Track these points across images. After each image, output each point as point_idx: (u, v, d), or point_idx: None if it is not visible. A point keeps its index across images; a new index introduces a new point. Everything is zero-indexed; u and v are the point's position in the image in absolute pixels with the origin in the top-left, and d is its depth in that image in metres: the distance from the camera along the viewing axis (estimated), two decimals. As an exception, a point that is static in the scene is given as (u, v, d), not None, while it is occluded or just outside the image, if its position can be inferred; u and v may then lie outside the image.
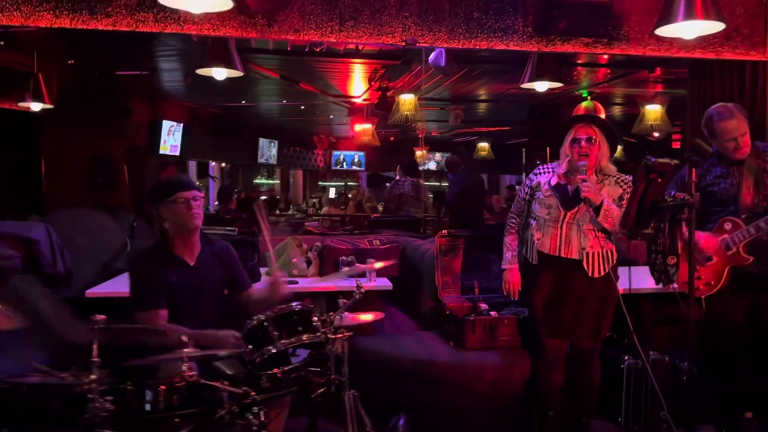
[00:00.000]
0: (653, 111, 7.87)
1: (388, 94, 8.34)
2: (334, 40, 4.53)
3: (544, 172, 3.13)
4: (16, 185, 7.87)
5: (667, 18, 3.76)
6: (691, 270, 2.14)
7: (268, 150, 14.01)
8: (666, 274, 2.28)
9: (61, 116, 7.35)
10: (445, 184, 14.14)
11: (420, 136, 12.78)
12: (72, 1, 4.07)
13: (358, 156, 16.15)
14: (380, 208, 12.58)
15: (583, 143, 2.95)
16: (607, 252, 3.02)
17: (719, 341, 3.01)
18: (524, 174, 8.30)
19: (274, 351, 2.21)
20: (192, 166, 13.12)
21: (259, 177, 14.91)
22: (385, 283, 3.52)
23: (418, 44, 4.58)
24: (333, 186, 16.59)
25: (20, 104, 7.01)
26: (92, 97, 7.76)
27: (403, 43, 4.56)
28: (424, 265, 3.86)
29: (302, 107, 11.29)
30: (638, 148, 12.49)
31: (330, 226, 10.36)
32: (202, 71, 5.21)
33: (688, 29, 3.79)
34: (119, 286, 3.39)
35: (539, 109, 10.34)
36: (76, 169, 7.92)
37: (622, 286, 3.09)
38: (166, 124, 10.26)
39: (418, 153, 13.01)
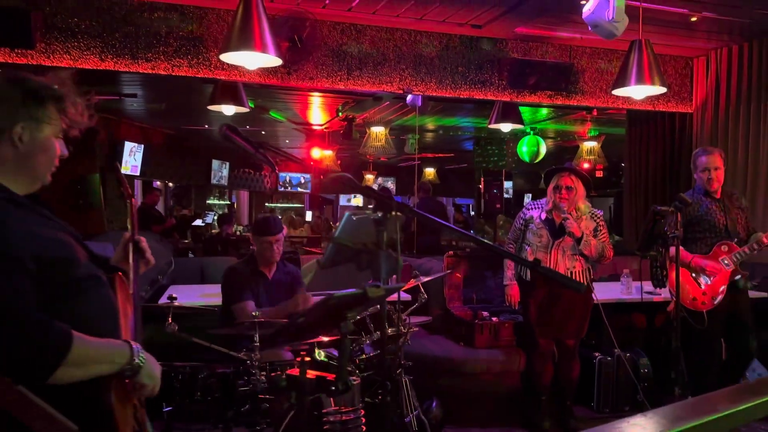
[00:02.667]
0: (590, 146, 8.98)
1: (354, 124, 9.02)
2: (343, 88, 5.22)
3: (535, 208, 3.92)
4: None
5: (621, 82, 4.69)
6: (677, 278, 2.97)
7: (220, 171, 14.36)
8: (661, 282, 3.12)
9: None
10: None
11: (370, 160, 13.50)
12: (116, 47, 4.56)
13: (303, 178, 16.67)
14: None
15: (563, 191, 3.76)
16: (586, 270, 3.85)
17: (716, 341, 3.80)
18: (483, 199, 9.13)
19: (368, 341, 2.87)
20: (137, 184, 13.26)
21: (211, 197, 15.18)
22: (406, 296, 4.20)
23: (413, 92, 5.34)
24: (279, 206, 16.99)
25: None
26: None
27: (401, 91, 5.31)
28: (428, 281, 4.55)
29: (263, 132, 11.79)
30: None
31: (291, 245, 10.84)
32: (213, 107, 5.74)
33: (638, 91, 4.75)
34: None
35: (484, 140, 11.40)
36: (53, 189, 8.10)
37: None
38: (128, 145, 10.52)
39: (367, 177, 13.74)
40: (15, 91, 1.49)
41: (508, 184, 12.95)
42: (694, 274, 3.70)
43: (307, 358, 1.92)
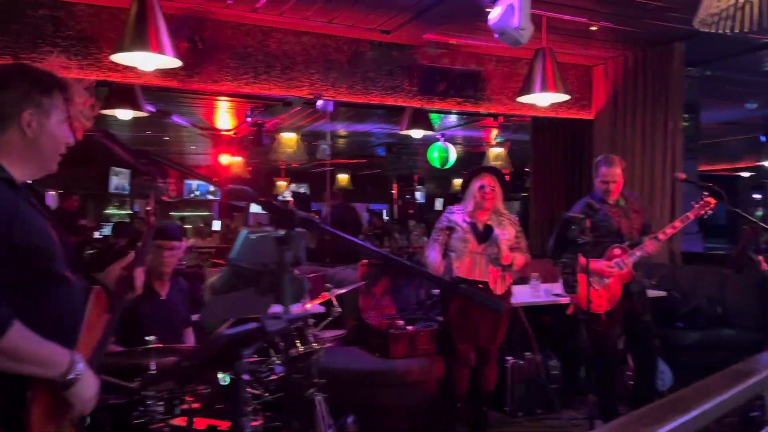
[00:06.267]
0: (496, 152, 9.19)
1: (264, 129, 8.77)
2: (249, 91, 5.02)
3: (457, 212, 3.89)
4: None
5: (527, 90, 4.80)
6: (588, 288, 3.02)
7: (120, 179, 13.65)
8: (573, 288, 3.15)
9: None
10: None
11: (282, 167, 13.23)
12: (-6, 45, 4.16)
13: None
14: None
15: (486, 190, 3.77)
16: (506, 275, 3.86)
17: (612, 344, 3.90)
18: (396, 205, 9.11)
19: (279, 361, 2.69)
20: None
21: (109, 207, 14.35)
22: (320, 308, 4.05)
23: (323, 98, 5.22)
24: (187, 215, 16.28)
25: None
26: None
27: (311, 96, 5.18)
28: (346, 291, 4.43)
29: (166, 138, 11.29)
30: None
31: (198, 257, 10.37)
32: (106, 112, 5.36)
33: (542, 98, 4.86)
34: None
35: (396, 146, 11.48)
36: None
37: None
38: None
39: (280, 183, 13.46)
40: (22, 80, 1.55)
41: (420, 190, 13.15)
42: (590, 279, 3.81)
43: (195, 405, 1.75)
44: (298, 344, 2.76)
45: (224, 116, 9.32)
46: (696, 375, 1.34)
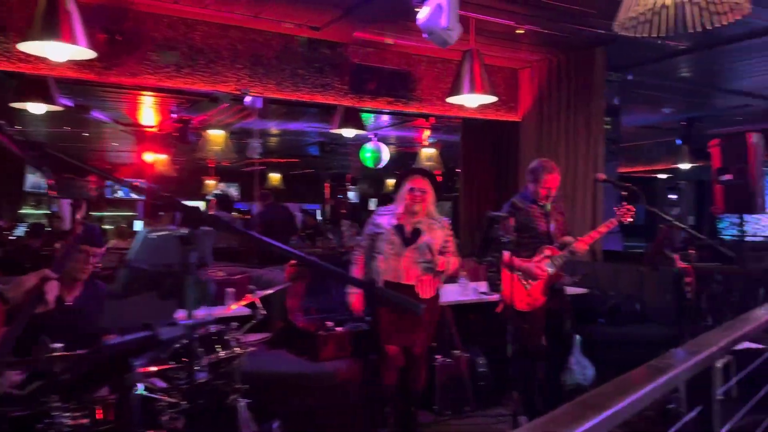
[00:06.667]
0: (429, 153, 9.24)
1: (190, 126, 8.48)
2: (171, 85, 4.83)
3: (385, 214, 3.84)
4: None
5: (455, 90, 4.83)
6: (513, 287, 3.05)
7: (37, 177, 12.93)
8: (498, 287, 3.18)
9: None
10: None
11: (211, 165, 12.88)
12: None
13: (138, 183, 15.47)
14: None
15: (417, 193, 3.73)
16: (435, 278, 3.85)
17: (536, 341, 3.98)
18: (328, 205, 8.99)
19: (199, 368, 2.55)
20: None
21: (25, 207, 13.55)
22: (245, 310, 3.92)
23: (250, 94, 5.08)
24: (107, 215, 15.58)
25: None
26: None
27: (238, 92, 5.03)
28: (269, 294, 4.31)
29: (86, 134, 10.77)
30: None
31: (118, 259, 9.91)
32: (17, 105, 5.03)
33: (470, 99, 4.91)
34: None
35: (329, 146, 11.38)
36: None
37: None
38: None
39: (208, 182, 13.10)
40: None
41: (354, 189, 13.07)
42: (521, 279, 3.87)
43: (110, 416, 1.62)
44: (218, 349, 2.64)
45: (148, 112, 8.97)
46: (617, 370, 1.35)
